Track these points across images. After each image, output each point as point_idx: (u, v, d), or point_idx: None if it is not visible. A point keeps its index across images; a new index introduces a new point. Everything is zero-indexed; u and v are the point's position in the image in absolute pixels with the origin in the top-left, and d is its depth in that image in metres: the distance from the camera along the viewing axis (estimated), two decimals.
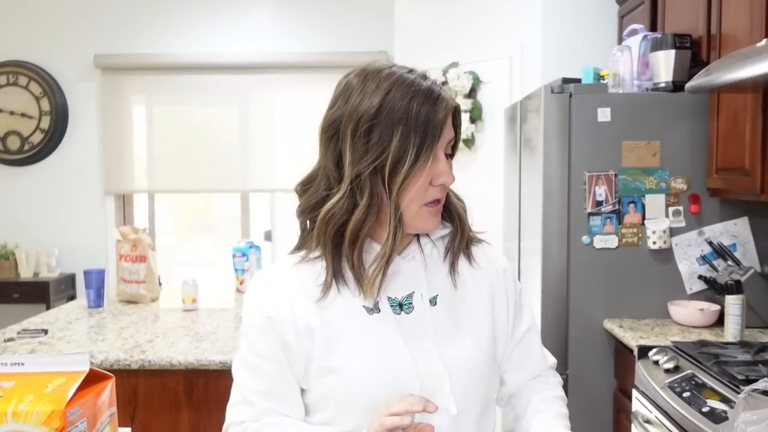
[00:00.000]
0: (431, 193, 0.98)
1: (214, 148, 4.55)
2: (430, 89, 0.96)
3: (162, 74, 4.48)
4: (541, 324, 2.54)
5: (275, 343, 1.00)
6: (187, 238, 5.51)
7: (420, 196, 0.97)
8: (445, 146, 0.98)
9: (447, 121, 0.97)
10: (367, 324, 0.99)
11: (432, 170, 0.96)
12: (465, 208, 1.10)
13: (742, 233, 2.45)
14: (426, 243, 1.07)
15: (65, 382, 0.74)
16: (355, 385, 0.97)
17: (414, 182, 0.95)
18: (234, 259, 3.02)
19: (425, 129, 0.93)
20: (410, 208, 0.97)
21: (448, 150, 1.00)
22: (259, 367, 1.01)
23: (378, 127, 0.93)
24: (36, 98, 4.43)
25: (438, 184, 0.98)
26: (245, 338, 1.04)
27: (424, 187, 0.97)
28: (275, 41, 4.47)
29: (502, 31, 3.53)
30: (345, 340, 0.98)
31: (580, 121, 2.49)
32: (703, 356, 1.91)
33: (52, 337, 2.22)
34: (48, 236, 4.51)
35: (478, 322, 1.06)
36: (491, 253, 1.14)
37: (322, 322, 0.99)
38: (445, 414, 0.98)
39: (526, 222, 2.81)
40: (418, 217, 0.99)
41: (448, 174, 0.98)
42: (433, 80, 0.99)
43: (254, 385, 1.02)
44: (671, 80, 2.44)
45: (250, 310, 1.03)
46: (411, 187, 0.95)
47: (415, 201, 0.97)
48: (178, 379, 1.96)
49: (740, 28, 2.17)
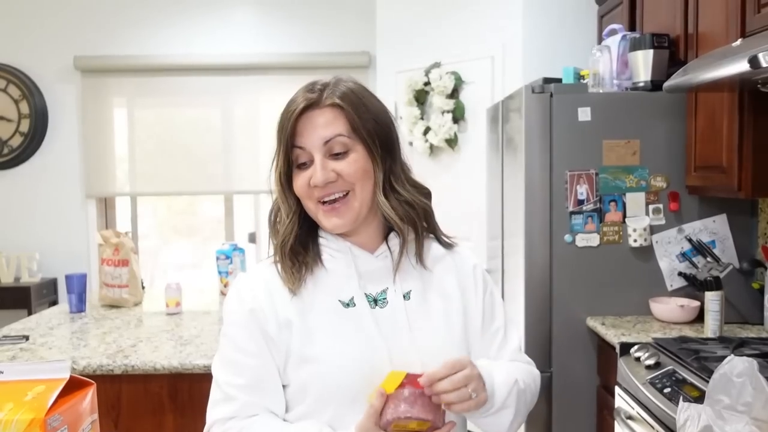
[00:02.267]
0: (315, 193, 1.04)
1: (197, 150, 4.52)
2: (294, 98, 1.05)
3: (143, 76, 4.45)
4: (525, 322, 2.56)
5: (257, 335, 1.04)
6: (170, 240, 5.48)
7: (306, 194, 1.05)
8: (320, 146, 1.02)
9: (303, 120, 1.03)
10: (342, 317, 1.04)
11: (312, 170, 1.03)
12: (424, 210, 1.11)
13: (721, 230, 2.49)
14: (395, 243, 1.10)
15: (45, 389, 0.73)
16: (332, 375, 1.01)
17: (296, 182, 1.05)
18: (218, 262, 3.01)
19: (281, 130, 1.05)
20: (308, 207, 1.06)
21: (337, 148, 1.03)
22: (241, 362, 1.04)
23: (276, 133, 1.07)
24: (15, 101, 4.38)
25: (312, 185, 1.03)
26: (226, 337, 1.08)
27: (305, 186, 1.04)
28: (257, 42, 4.46)
29: (483, 32, 3.55)
30: (322, 332, 1.03)
31: (561, 121, 2.51)
32: (683, 352, 1.94)
33: (33, 343, 2.19)
34: (29, 240, 4.45)
35: (450, 314, 1.10)
36: (461, 252, 1.18)
37: (300, 315, 1.04)
38: None
39: (508, 221, 2.83)
40: (319, 215, 1.06)
41: (313, 172, 1.02)
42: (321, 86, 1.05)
43: (236, 381, 1.04)
44: (650, 79, 2.47)
45: (231, 308, 1.08)
46: (295, 187, 1.05)
47: (306, 200, 1.05)
48: (162, 384, 1.95)
49: (716, 28, 2.20)
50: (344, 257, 1.08)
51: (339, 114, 1.03)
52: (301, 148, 1.03)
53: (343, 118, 1.03)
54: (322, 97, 1.03)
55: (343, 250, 1.08)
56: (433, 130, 3.62)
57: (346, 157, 1.03)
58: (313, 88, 1.05)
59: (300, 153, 1.03)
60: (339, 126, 1.03)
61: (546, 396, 2.54)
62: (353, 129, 1.03)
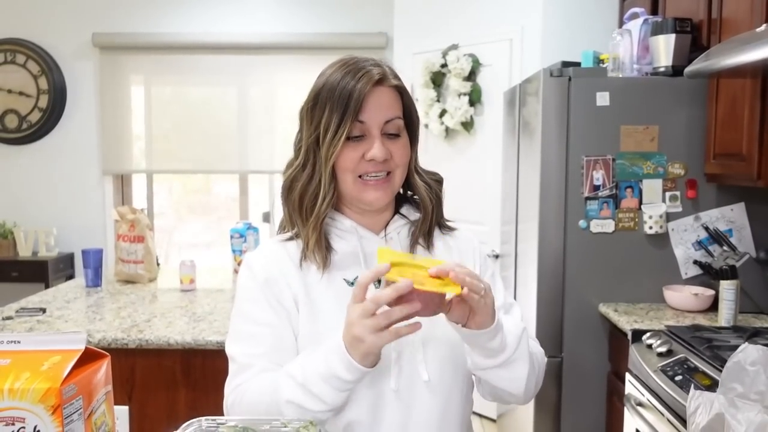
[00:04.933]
0: (363, 167, 1.04)
1: (212, 129, 4.53)
2: (360, 68, 1.03)
3: (161, 54, 4.45)
4: (537, 307, 2.56)
5: (274, 303, 1.06)
6: (185, 218, 5.52)
7: (351, 167, 1.04)
8: (381, 125, 1.03)
9: (370, 96, 1.02)
10: (346, 295, 1.02)
11: (365, 144, 1.03)
12: (437, 195, 1.14)
13: (739, 219, 2.46)
14: (399, 225, 1.13)
15: (61, 360, 0.74)
16: None
17: (343, 154, 1.03)
18: (232, 241, 3.03)
19: (347, 102, 1.01)
20: (345, 180, 1.05)
21: (392, 129, 1.05)
22: (258, 333, 1.06)
23: (318, 104, 1.04)
24: (34, 77, 4.41)
25: (368, 159, 1.03)
26: (240, 313, 1.09)
27: (355, 159, 1.04)
28: (275, 22, 4.44)
29: (502, 14, 3.50)
30: (326, 309, 1.05)
31: (579, 105, 2.48)
32: (696, 340, 1.93)
33: (50, 316, 2.23)
34: (46, 215, 4.51)
35: None
36: (464, 234, 1.20)
37: (306, 292, 1.06)
38: (418, 380, 1.04)
39: (523, 206, 2.82)
40: (355, 189, 1.06)
41: (377, 149, 1.02)
42: (375, 62, 1.05)
43: (254, 350, 1.05)
44: (671, 65, 2.43)
45: (245, 284, 1.10)
46: (341, 158, 1.04)
47: (348, 173, 1.05)
48: (175, 359, 1.98)
49: (741, 13, 2.16)
50: (351, 237, 1.10)
51: (398, 97, 1.07)
52: (361, 122, 1.03)
53: (401, 103, 1.07)
54: (387, 76, 1.05)
55: (350, 230, 1.10)
56: (449, 113, 3.60)
57: (398, 140, 1.06)
58: (370, 69, 1.03)
59: (359, 127, 1.03)
60: (398, 109, 1.06)
61: (556, 381, 2.54)
62: (405, 115, 1.08)
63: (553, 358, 2.54)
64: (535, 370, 1.07)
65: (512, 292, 2.95)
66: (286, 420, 0.92)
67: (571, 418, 2.55)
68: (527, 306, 2.64)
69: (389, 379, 1.03)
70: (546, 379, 1.18)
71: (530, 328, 2.55)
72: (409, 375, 1.04)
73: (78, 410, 0.74)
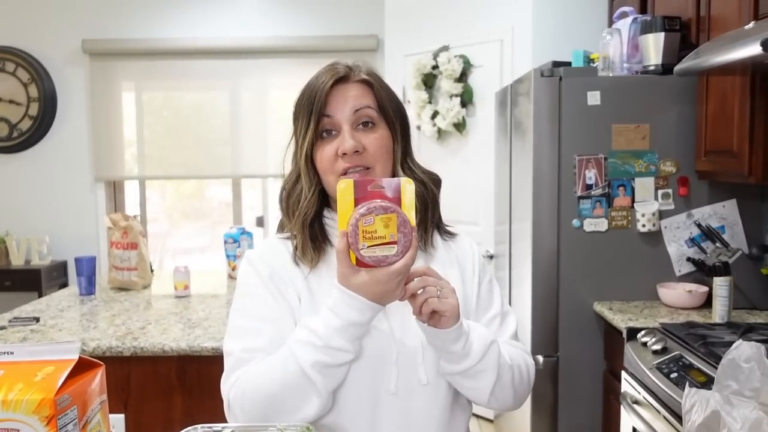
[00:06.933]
0: (339, 165, 1.04)
1: (204, 134, 4.53)
2: (329, 69, 1.06)
3: (151, 59, 4.45)
4: (532, 307, 2.56)
5: (278, 296, 1.05)
6: (178, 224, 5.50)
7: (330, 167, 1.05)
8: (349, 116, 1.04)
9: (336, 91, 1.04)
10: None
11: (338, 140, 1.04)
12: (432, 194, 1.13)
13: (731, 215, 2.47)
14: None
15: (55, 370, 0.74)
16: None
17: (319, 154, 1.05)
18: (226, 246, 3.02)
19: (313, 98, 1.04)
20: (328, 182, 1.07)
21: (363, 118, 1.06)
22: (259, 329, 1.04)
23: (296, 109, 1.08)
24: (24, 84, 4.39)
25: (341, 154, 1.03)
26: (241, 307, 1.08)
27: (331, 157, 1.04)
28: (265, 26, 4.44)
29: (492, 14, 3.51)
30: None
31: (570, 105, 2.49)
32: (690, 337, 1.93)
33: (43, 325, 2.22)
34: (39, 224, 4.49)
35: None
36: (461, 239, 1.20)
37: (308, 290, 1.06)
38: (416, 383, 1.04)
39: (516, 205, 2.82)
40: None
41: (346, 140, 1.03)
42: (349, 64, 1.07)
43: (253, 345, 1.03)
44: (661, 63, 2.45)
45: (246, 278, 1.09)
46: (319, 160, 1.06)
47: (329, 174, 1.05)
48: (170, 366, 1.97)
49: (729, 11, 2.17)
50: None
51: (368, 90, 1.08)
52: (329, 116, 1.04)
53: (372, 95, 1.08)
54: (352, 73, 1.07)
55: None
56: (441, 114, 3.60)
57: (373, 132, 1.06)
58: (338, 67, 1.06)
59: (327, 122, 1.05)
60: (368, 99, 1.07)
61: (552, 380, 2.54)
62: (380, 106, 1.08)
63: (549, 358, 2.54)
64: (507, 386, 1.05)
65: (507, 292, 2.95)
66: (282, 425, 0.91)
67: (568, 418, 2.56)
68: (522, 306, 2.64)
69: (388, 381, 1.03)
70: (542, 378, 1.18)
71: (526, 328, 2.56)
72: (407, 378, 1.04)
73: (73, 420, 0.73)
